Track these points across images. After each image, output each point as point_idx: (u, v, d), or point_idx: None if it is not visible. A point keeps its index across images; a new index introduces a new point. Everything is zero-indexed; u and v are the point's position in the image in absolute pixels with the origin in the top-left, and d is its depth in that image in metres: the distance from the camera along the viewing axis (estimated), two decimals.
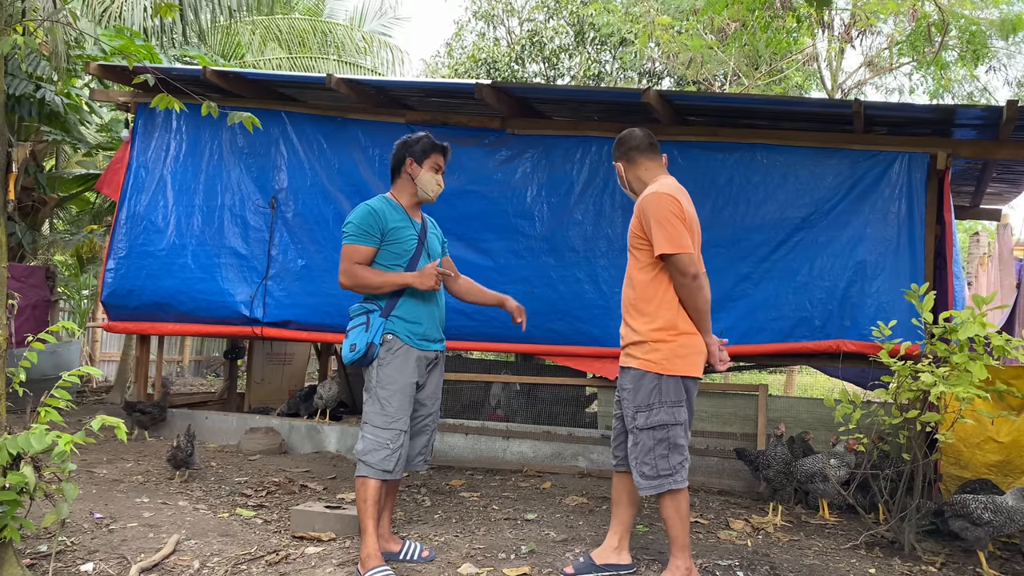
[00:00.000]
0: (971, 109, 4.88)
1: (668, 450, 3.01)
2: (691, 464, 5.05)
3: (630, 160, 3.24)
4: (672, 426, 3.01)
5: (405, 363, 3.21)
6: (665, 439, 3.01)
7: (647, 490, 3.03)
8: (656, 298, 3.05)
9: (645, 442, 3.03)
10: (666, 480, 3.00)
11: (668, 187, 3.08)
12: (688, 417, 3.09)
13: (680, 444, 3.03)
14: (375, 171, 5.73)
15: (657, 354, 3.02)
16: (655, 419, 3.01)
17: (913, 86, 13.63)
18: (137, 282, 5.89)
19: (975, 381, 3.44)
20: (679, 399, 3.03)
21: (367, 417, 3.22)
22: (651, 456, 3.02)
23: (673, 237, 2.96)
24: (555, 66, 16.50)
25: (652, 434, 3.02)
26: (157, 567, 3.11)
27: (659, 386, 3.01)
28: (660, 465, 3.00)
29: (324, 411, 5.98)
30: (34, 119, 7.72)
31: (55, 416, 2.76)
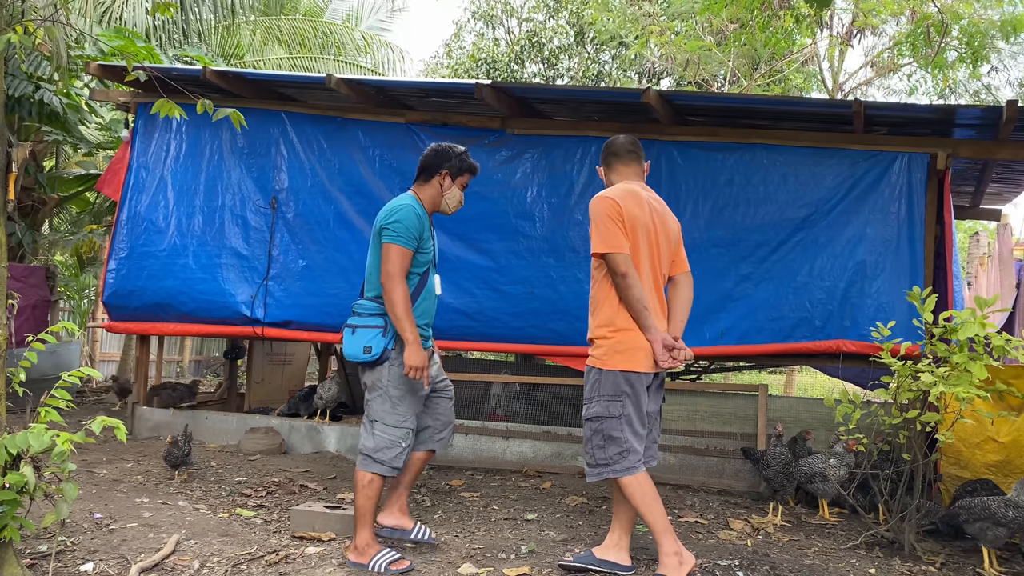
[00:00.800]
0: (971, 109, 4.88)
1: (604, 441, 3.14)
2: (691, 464, 5.09)
3: (608, 165, 3.42)
4: (606, 419, 3.13)
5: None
6: (600, 430, 3.15)
7: (590, 476, 3.20)
8: (600, 297, 3.22)
9: (585, 432, 3.22)
10: (604, 469, 3.14)
11: (614, 190, 3.23)
12: (636, 412, 3.14)
13: (615, 436, 3.12)
14: (375, 171, 5.73)
15: (599, 350, 3.18)
16: (592, 411, 3.18)
17: (914, 86, 13.64)
18: (138, 282, 5.89)
19: (975, 381, 3.44)
20: (616, 393, 3.12)
21: (377, 415, 3.28)
22: (589, 446, 3.19)
23: (605, 237, 3.12)
24: (554, 66, 16.51)
25: (590, 425, 3.19)
26: (157, 567, 3.11)
27: (599, 380, 3.16)
28: (597, 455, 3.16)
29: (324, 411, 5.98)
30: (34, 119, 7.72)
31: (55, 416, 2.76)
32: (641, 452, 3.17)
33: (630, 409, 3.13)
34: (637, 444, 3.15)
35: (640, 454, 3.16)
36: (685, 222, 5.28)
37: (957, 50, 11.06)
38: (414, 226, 3.36)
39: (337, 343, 6.98)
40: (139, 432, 6.02)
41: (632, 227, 3.15)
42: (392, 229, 3.34)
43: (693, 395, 6.75)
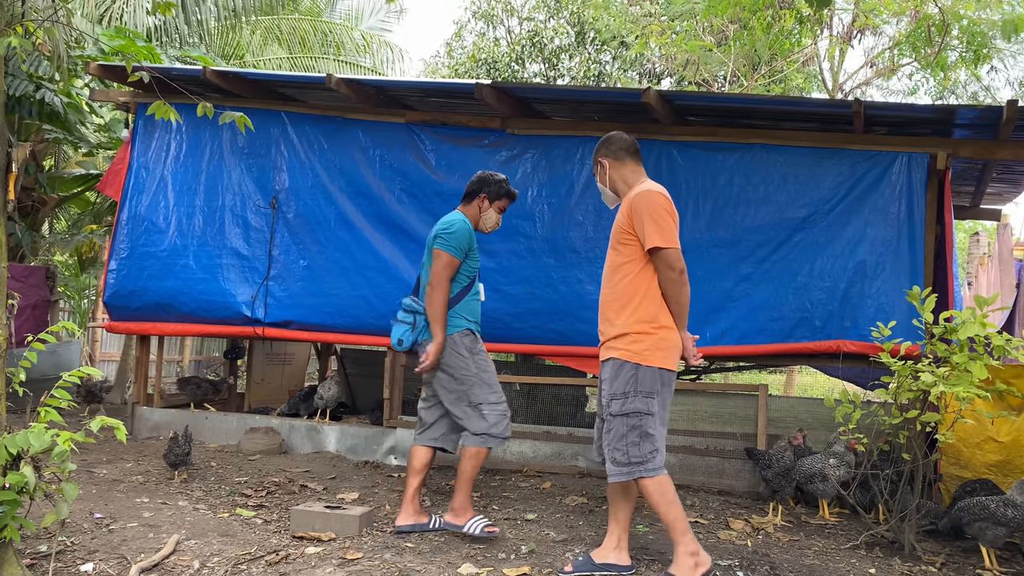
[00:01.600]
0: (971, 109, 4.88)
1: (640, 438, 3.09)
2: (691, 464, 5.09)
3: (618, 159, 3.34)
4: (644, 415, 3.08)
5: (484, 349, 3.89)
6: (637, 427, 3.09)
7: (617, 476, 3.11)
8: (637, 291, 3.14)
9: (618, 429, 3.12)
10: (637, 467, 3.08)
11: (659, 187, 3.21)
12: (662, 411, 3.15)
13: (651, 433, 3.09)
14: (375, 171, 5.73)
15: (639, 345, 3.11)
16: (629, 406, 3.10)
17: (915, 86, 13.63)
18: (139, 283, 5.89)
19: (975, 381, 3.44)
20: (652, 390, 3.10)
21: (480, 398, 3.76)
22: (623, 443, 3.10)
23: (665, 232, 3.08)
24: (555, 66, 16.50)
25: (625, 421, 3.11)
26: (157, 567, 3.11)
27: (636, 376, 3.10)
28: (631, 452, 3.09)
29: (324, 411, 5.98)
30: (35, 119, 7.71)
31: (55, 416, 2.76)
32: (664, 452, 3.15)
33: (659, 407, 3.13)
34: (663, 443, 3.14)
35: (664, 454, 3.14)
36: (685, 222, 5.28)
37: (957, 50, 11.06)
38: (465, 239, 3.78)
39: (337, 343, 6.99)
40: (139, 432, 6.02)
41: (676, 225, 3.17)
42: (445, 239, 3.75)
43: (693, 395, 6.75)
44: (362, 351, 7.73)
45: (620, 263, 3.20)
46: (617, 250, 3.22)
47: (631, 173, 3.32)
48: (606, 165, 3.35)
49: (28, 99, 7.40)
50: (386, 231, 5.66)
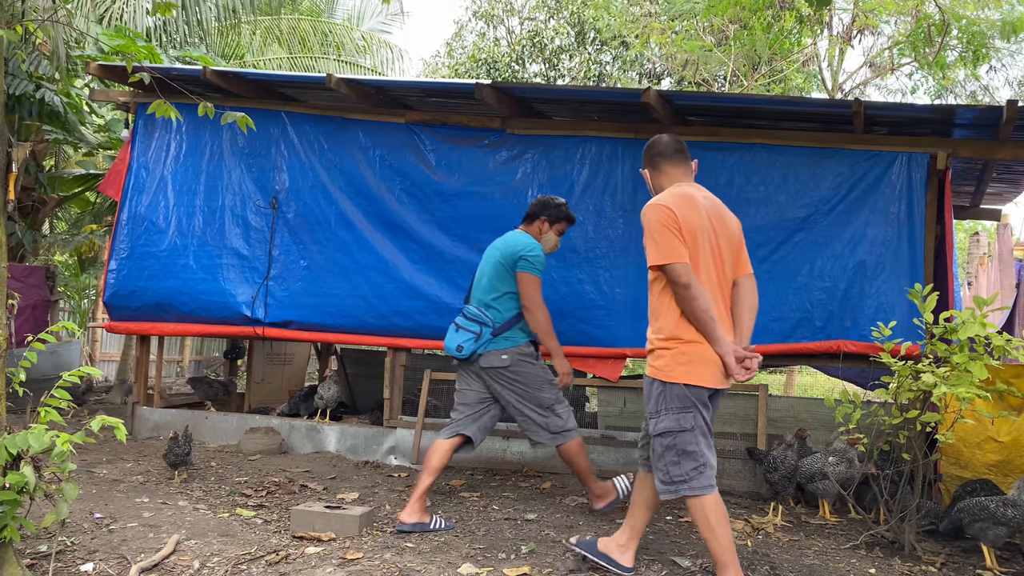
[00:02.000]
0: (971, 109, 4.88)
1: (679, 456, 2.97)
2: None
3: (655, 166, 3.24)
4: (679, 432, 2.96)
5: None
6: (673, 446, 2.98)
7: (664, 494, 3.02)
8: (659, 308, 3.05)
9: (656, 448, 3.04)
10: (680, 486, 2.97)
11: (666, 196, 3.06)
12: (706, 423, 3.01)
13: (691, 451, 2.96)
14: (375, 171, 5.73)
15: (660, 360, 3.02)
16: (661, 426, 3.00)
17: (915, 86, 13.64)
18: (139, 283, 5.89)
19: (975, 381, 3.44)
20: (684, 405, 2.97)
21: (552, 399, 4.12)
22: (662, 463, 3.01)
23: (662, 248, 2.95)
24: (555, 66, 16.50)
25: (660, 441, 3.01)
26: (157, 567, 3.11)
27: (664, 393, 3.00)
28: (672, 472, 2.98)
29: (324, 411, 5.98)
30: (34, 119, 7.72)
31: (55, 416, 2.76)
32: (715, 465, 3.02)
33: (701, 420, 2.98)
34: (712, 457, 3.00)
35: (715, 468, 3.01)
36: None
37: (956, 50, 11.07)
38: (544, 260, 4.14)
39: (337, 343, 6.99)
40: (139, 432, 6.02)
41: (691, 234, 2.98)
42: (531, 261, 4.06)
43: None
44: (362, 351, 7.73)
45: (650, 279, 3.11)
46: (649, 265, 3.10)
47: (666, 178, 3.20)
48: (647, 175, 3.27)
49: (28, 98, 7.40)
50: (386, 231, 5.66)
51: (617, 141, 5.44)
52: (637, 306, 5.15)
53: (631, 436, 5.19)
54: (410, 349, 5.72)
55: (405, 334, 5.57)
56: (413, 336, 5.57)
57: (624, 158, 5.42)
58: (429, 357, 6.10)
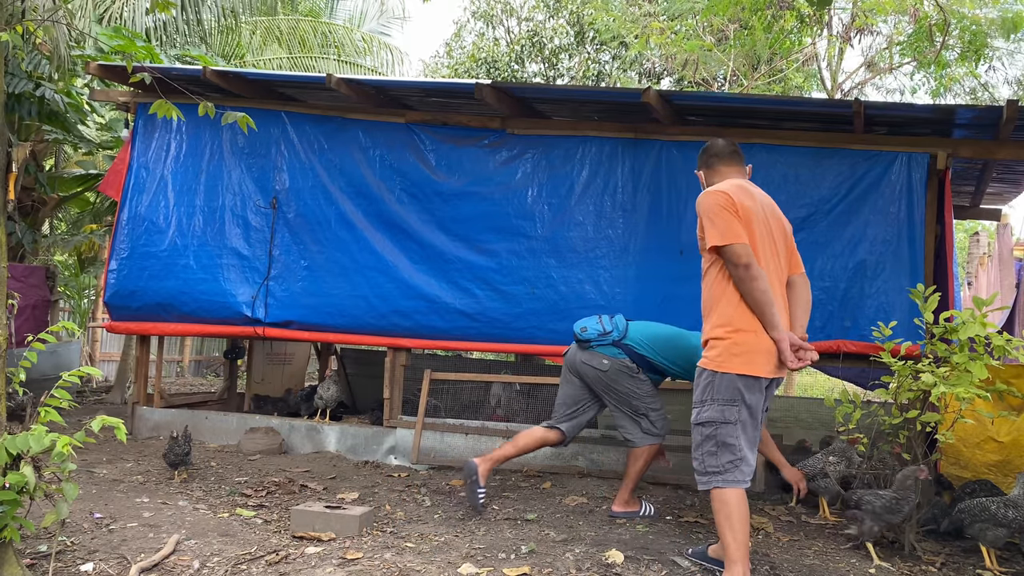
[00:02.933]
0: (971, 109, 4.88)
1: (717, 447, 2.99)
2: (691, 464, 5.06)
3: (710, 167, 3.32)
4: (721, 424, 2.98)
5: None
6: (713, 436, 2.99)
7: (701, 485, 3.04)
8: (715, 295, 3.05)
9: (695, 437, 3.06)
10: (714, 477, 2.98)
11: (721, 184, 3.13)
12: (751, 418, 3.00)
13: (730, 443, 2.96)
14: (375, 171, 5.73)
15: (713, 351, 3.02)
16: (704, 415, 3.01)
17: (915, 86, 13.63)
18: (140, 283, 5.89)
19: (975, 381, 3.44)
20: (731, 397, 2.97)
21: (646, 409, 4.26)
22: (699, 452, 3.03)
23: (722, 229, 2.97)
24: (555, 66, 16.50)
25: (700, 430, 3.03)
26: (157, 567, 3.11)
27: (712, 383, 3.01)
28: (708, 462, 3.00)
29: (324, 411, 5.97)
30: (34, 118, 7.71)
31: (55, 416, 2.75)
32: (754, 463, 3.03)
33: (745, 415, 2.98)
34: (751, 454, 3.01)
35: (753, 466, 3.02)
36: (685, 222, 5.30)
37: (956, 49, 11.06)
38: None
39: (338, 343, 6.99)
40: (139, 432, 6.02)
41: (747, 219, 3.00)
42: None
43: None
44: (362, 351, 7.73)
45: (703, 269, 3.13)
46: (702, 255, 3.15)
47: (718, 178, 3.27)
48: (702, 176, 3.37)
49: (28, 97, 7.40)
50: (386, 231, 5.66)
51: (617, 141, 5.45)
52: (637, 306, 5.16)
53: None
54: (410, 349, 5.72)
55: (405, 334, 5.58)
56: (413, 336, 5.57)
57: (624, 158, 5.42)
58: (429, 357, 6.11)
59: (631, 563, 3.36)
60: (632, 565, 3.33)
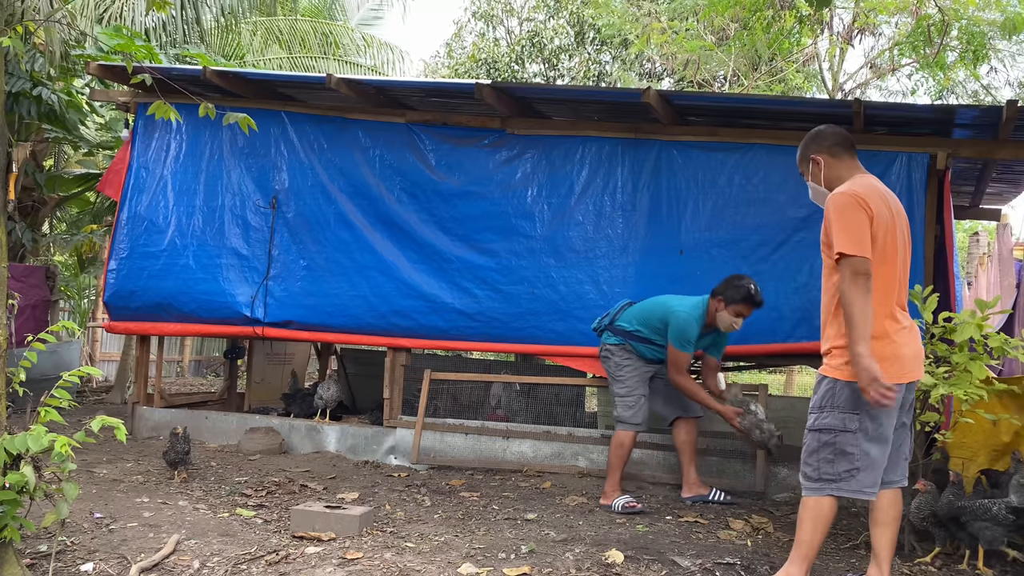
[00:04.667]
0: (971, 109, 4.88)
1: (835, 455, 2.90)
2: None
3: (834, 155, 3.08)
4: (840, 432, 2.89)
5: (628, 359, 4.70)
6: (832, 443, 2.90)
7: (807, 491, 2.97)
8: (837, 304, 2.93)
9: (810, 443, 2.99)
10: (828, 485, 2.91)
11: (858, 186, 2.93)
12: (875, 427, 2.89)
13: (849, 452, 2.88)
14: (375, 171, 5.73)
15: (837, 360, 2.92)
16: (824, 422, 2.94)
17: (915, 86, 13.62)
18: (139, 283, 5.89)
19: (975, 381, 3.44)
20: (854, 407, 2.87)
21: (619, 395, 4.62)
22: (815, 458, 2.95)
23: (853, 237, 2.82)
24: (555, 66, 16.50)
25: (818, 436, 2.95)
26: (157, 567, 3.11)
27: (833, 390, 2.92)
28: (823, 469, 2.92)
29: (324, 411, 5.97)
30: (33, 118, 7.71)
31: (55, 416, 2.75)
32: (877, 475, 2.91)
33: (868, 424, 2.88)
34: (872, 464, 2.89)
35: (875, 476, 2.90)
36: (685, 222, 5.30)
37: (957, 50, 11.06)
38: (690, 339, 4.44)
39: (337, 343, 6.99)
40: (139, 432, 6.02)
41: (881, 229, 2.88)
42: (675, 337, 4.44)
43: None
44: (362, 351, 7.73)
45: (826, 273, 3.00)
46: (824, 257, 3.00)
47: (847, 170, 3.06)
48: (821, 163, 3.10)
49: (26, 96, 7.39)
50: (386, 231, 5.66)
51: (617, 141, 5.45)
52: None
53: None
54: (410, 349, 5.72)
55: (405, 334, 5.58)
56: (413, 336, 5.57)
57: (624, 158, 5.42)
58: (429, 357, 6.11)
59: (631, 563, 3.36)
60: (632, 565, 3.33)
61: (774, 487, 4.90)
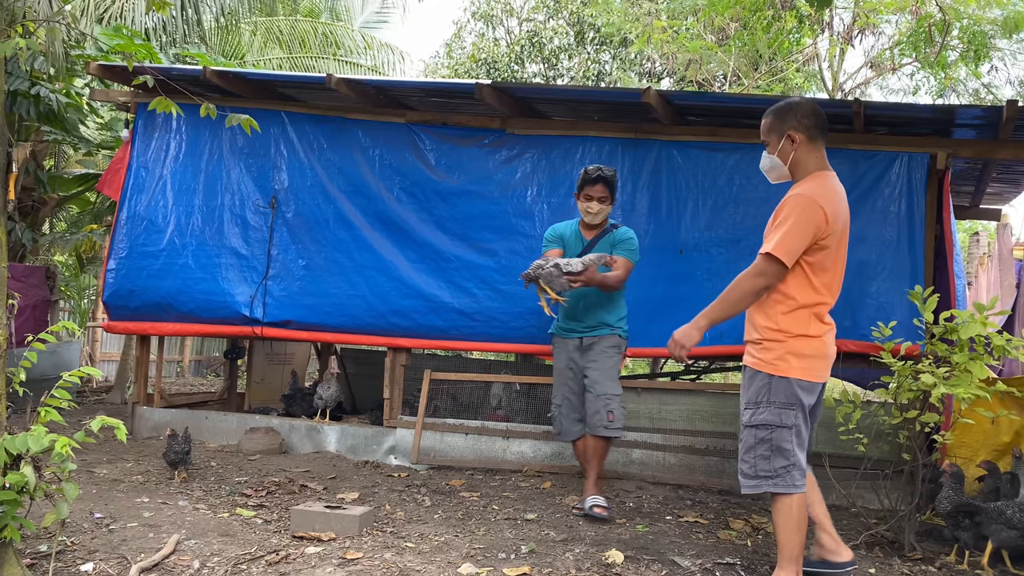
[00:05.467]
0: (971, 109, 4.88)
1: (771, 452, 2.91)
2: (691, 464, 5.09)
3: (811, 139, 2.99)
4: (777, 428, 2.90)
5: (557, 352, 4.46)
6: (767, 440, 2.91)
7: (746, 488, 2.98)
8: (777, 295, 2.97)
9: (746, 439, 2.98)
10: (764, 482, 2.92)
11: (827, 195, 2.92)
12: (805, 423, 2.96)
13: (785, 448, 2.90)
14: (375, 171, 5.73)
15: (769, 354, 2.94)
16: (760, 418, 2.93)
17: (917, 86, 13.61)
18: (138, 282, 5.89)
19: (975, 381, 3.44)
20: (790, 402, 2.91)
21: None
22: (751, 455, 2.95)
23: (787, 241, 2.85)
24: (555, 66, 16.50)
25: (755, 432, 2.95)
26: (157, 567, 3.11)
27: (769, 386, 2.93)
28: (760, 466, 2.93)
29: (324, 411, 5.97)
30: (32, 118, 7.71)
31: (55, 416, 2.75)
32: (805, 468, 2.98)
33: (800, 419, 2.93)
34: (803, 459, 2.96)
35: (804, 471, 2.97)
36: (685, 222, 5.30)
37: (957, 49, 11.05)
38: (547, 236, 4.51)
39: (337, 343, 6.99)
40: (139, 432, 6.02)
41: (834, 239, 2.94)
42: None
43: (693, 395, 6.74)
44: (362, 351, 7.73)
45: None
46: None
47: (812, 159, 2.99)
48: (797, 142, 3.00)
49: (24, 96, 7.39)
50: (385, 231, 5.66)
51: (617, 141, 5.45)
52: (637, 306, 5.14)
53: (631, 436, 5.18)
54: (410, 349, 5.72)
55: (404, 334, 5.58)
56: (412, 336, 5.57)
57: (624, 158, 5.42)
58: (429, 357, 6.10)
59: (631, 563, 3.36)
60: (632, 565, 3.33)
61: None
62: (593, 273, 4.11)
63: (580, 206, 4.35)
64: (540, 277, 4.12)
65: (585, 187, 4.29)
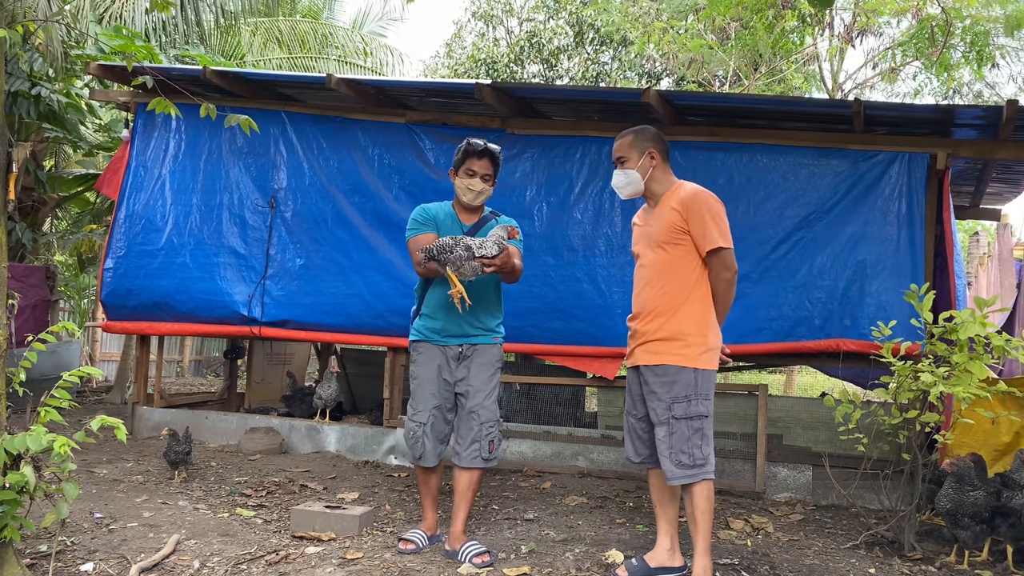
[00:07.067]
0: (971, 109, 4.88)
1: (702, 440, 3.11)
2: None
3: (664, 158, 3.30)
4: (705, 417, 3.13)
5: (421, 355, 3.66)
6: (701, 429, 3.11)
7: (682, 479, 3.09)
8: (693, 293, 3.15)
9: (683, 432, 3.10)
10: (699, 470, 3.09)
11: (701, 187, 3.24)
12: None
13: (709, 435, 3.14)
14: (375, 170, 5.73)
15: (694, 349, 3.12)
16: (696, 409, 3.10)
17: (919, 86, 13.61)
18: (136, 281, 5.88)
19: (975, 381, 3.44)
20: (711, 392, 3.16)
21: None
22: (688, 445, 3.09)
23: (725, 233, 3.14)
24: (554, 67, 16.50)
25: (690, 424, 3.10)
26: (157, 567, 3.11)
27: (697, 379, 3.11)
28: (696, 455, 3.09)
29: (324, 411, 5.97)
30: (32, 118, 7.71)
31: (55, 416, 2.75)
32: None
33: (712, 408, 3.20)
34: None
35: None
36: None
37: (959, 49, 11.04)
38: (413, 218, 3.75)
39: (335, 343, 6.98)
40: (139, 432, 6.02)
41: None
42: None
43: None
44: (362, 351, 7.73)
45: (670, 264, 3.16)
46: (665, 250, 3.16)
47: (666, 175, 3.30)
48: (657, 159, 3.26)
49: (24, 96, 7.39)
50: (384, 230, 5.66)
51: None
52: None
53: None
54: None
55: (403, 333, 5.55)
56: None
57: None
58: None
59: None
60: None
61: (773, 487, 4.90)
62: (509, 257, 3.35)
63: (459, 183, 3.62)
64: (447, 261, 3.33)
65: (467, 160, 3.57)
